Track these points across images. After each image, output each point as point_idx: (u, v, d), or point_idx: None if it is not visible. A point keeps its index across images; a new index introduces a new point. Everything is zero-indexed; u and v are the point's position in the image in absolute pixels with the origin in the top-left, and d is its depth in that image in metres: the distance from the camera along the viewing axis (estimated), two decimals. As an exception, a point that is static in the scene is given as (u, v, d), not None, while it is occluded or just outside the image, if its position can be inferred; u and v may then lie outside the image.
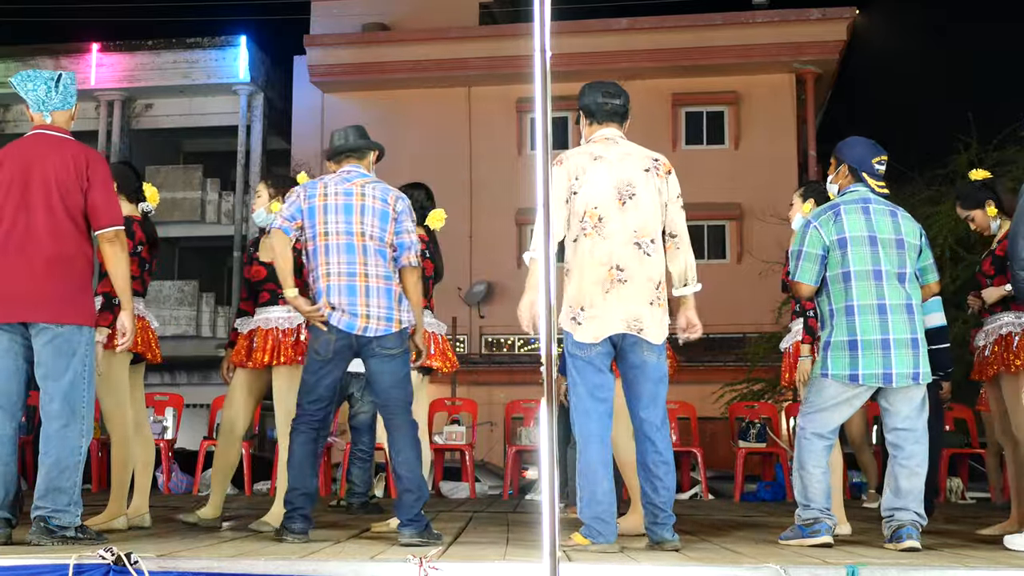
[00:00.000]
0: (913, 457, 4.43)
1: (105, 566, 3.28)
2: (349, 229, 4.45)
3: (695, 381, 14.35)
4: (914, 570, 3.53)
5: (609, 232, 4.29)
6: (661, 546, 4.21)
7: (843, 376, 4.41)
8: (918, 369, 4.39)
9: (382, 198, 4.53)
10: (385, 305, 4.43)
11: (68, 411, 4.12)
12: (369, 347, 4.43)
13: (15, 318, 4.12)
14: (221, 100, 24.43)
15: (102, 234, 4.30)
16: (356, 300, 4.40)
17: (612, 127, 4.51)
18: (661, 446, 4.29)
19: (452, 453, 10.63)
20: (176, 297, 23.41)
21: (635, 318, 4.26)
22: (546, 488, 2.82)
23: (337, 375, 4.50)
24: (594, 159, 4.38)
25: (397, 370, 4.47)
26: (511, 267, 22.14)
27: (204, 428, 11.86)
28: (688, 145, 22.75)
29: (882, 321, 4.37)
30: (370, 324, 4.39)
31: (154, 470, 9.09)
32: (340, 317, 4.39)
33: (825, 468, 4.52)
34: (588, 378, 4.28)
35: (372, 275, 4.44)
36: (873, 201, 4.56)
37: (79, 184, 4.23)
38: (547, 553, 2.80)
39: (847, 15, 22.07)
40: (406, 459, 4.40)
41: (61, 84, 4.35)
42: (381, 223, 4.50)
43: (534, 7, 3.01)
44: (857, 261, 4.43)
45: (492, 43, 22.37)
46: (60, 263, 4.17)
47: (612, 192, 4.32)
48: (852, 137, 4.76)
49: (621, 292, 4.25)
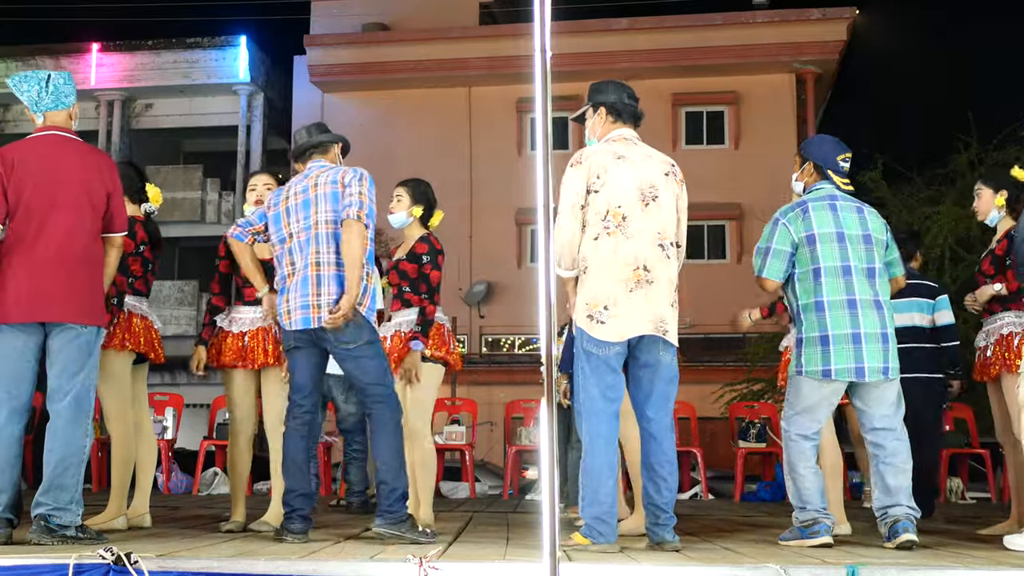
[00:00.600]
0: (897, 454, 4.45)
1: (105, 566, 3.28)
2: (308, 224, 4.48)
3: (695, 381, 14.32)
4: (914, 570, 3.52)
5: (633, 232, 4.28)
6: (661, 547, 4.21)
7: (816, 372, 4.43)
8: (888, 364, 4.41)
9: (332, 180, 4.51)
10: (336, 291, 4.39)
11: (77, 409, 4.17)
12: (328, 342, 4.42)
13: (43, 318, 4.15)
14: (221, 100, 24.43)
15: (113, 237, 4.41)
16: (308, 291, 4.40)
17: (630, 128, 4.54)
18: (667, 447, 4.30)
19: (452, 453, 10.63)
20: (176, 297, 23.41)
21: (661, 319, 4.27)
22: (546, 488, 2.82)
23: (314, 361, 4.52)
24: (617, 158, 4.37)
25: (364, 363, 4.44)
26: (511, 267, 22.17)
27: (204, 428, 11.85)
28: (688, 145, 22.74)
29: (852, 316, 4.40)
30: (321, 313, 4.37)
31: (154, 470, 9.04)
32: (295, 317, 4.41)
33: (815, 468, 4.53)
34: (602, 378, 4.26)
35: (324, 263, 4.43)
36: (839, 198, 4.61)
37: (104, 188, 4.33)
38: (547, 553, 2.80)
39: (847, 15, 22.07)
40: (385, 451, 4.41)
41: (51, 84, 4.35)
42: (333, 205, 4.47)
43: (534, 7, 3.01)
44: (827, 257, 4.46)
45: (492, 43, 22.36)
46: (87, 264, 4.25)
47: (635, 192, 4.32)
48: (817, 135, 4.85)
49: (649, 293, 4.26)
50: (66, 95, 4.39)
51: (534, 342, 20.22)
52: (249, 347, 5.09)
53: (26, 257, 4.14)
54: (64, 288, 4.15)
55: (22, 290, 4.12)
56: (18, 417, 4.16)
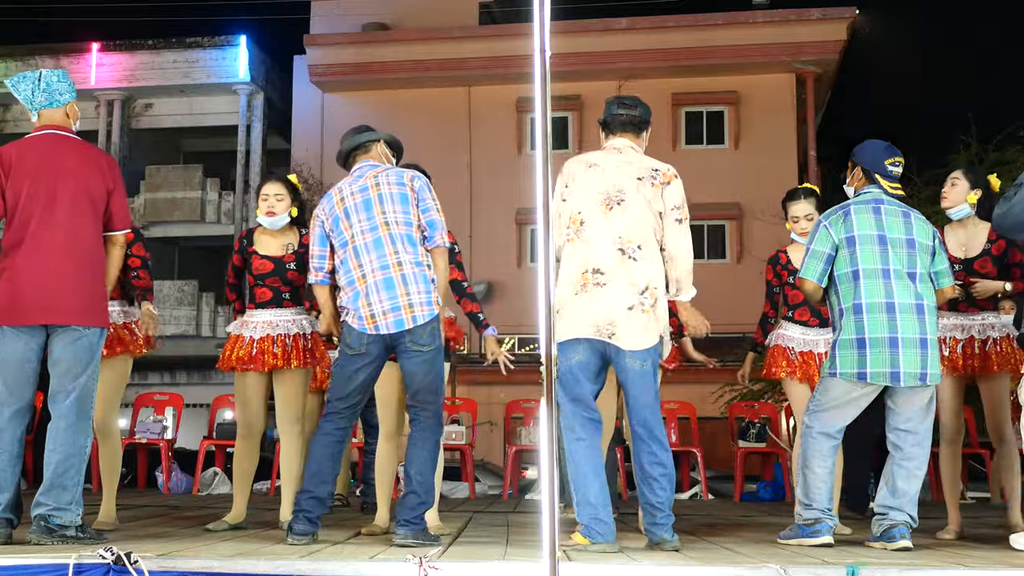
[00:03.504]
0: (912, 459, 4.43)
1: (105, 566, 3.28)
2: (374, 224, 4.37)
3: (695, 381, 14.31)
4: (914, 570, 3.52)
5: (589, 236, 4.32)
6: (660, 546, 4.20)
7: (851, 375, 4.41)
8: (927, 370, 4.37)
9: (397, 182, 4.44)
10: (424, 291, 4.31)
11: (79, 410, 4.16)
12: (403, 343, 4.30)
13: (45, 320, 4.13)
14: (221, 100, 24.42)
15: (116, 236, 4.38)
16: (396, 292, 4.28)
17: (625, 137, 4.54)
18: (655, 447, 4.28)
19: (452, 453, 10.61)
20: (176, 297, 23.40)
21: (608, 322, 4.26)
22: (546, 488, 2.82)
23: (371, 372, 4.38)
24: (588, 166, 4.45)
25: (430, 368, 4.33)
26: (511, 267, 22.15)
27: (204, 428, 11.85)
28: (688, 145, 22.74)
29: (890, 320, 4.37)
30: (415, 313, 4.27)
31: (154, 470, 9.08)
32: (386, 320, 4.27)
33: (830, 468, 4.52)
34: (570, 388, 4.32)
35: (406, 262, 4.32)
36: (885, 202, 4.58)
37: (105, 187, 4.30)
38: (547, 553, 2.80)
39: (847, 15, 22.07)
40: (421, 462, 4.30)
41: (43, 82, 4.33)
42: (403, 207, 4.39)
43: (534, 7, 3.01)
44: (866, 259, 4.44)
45: (492, 43, 22.36)
46: (88, 264, 4.22)
47: (599, 198, 4.36)
48: (868, 140, 4.78)
49: (595, 295, 4.26)
50: (60, 92, 4.35)
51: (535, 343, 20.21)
52: (260, 350, 5.13)
53: (26, 258, 4.12)
54: (65, 289, 4.13)
55: (23, 292, 4.11)
56: (20, 418, 4.16)
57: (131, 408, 10.15)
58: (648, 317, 4.29)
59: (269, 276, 5.22)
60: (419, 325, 4.28)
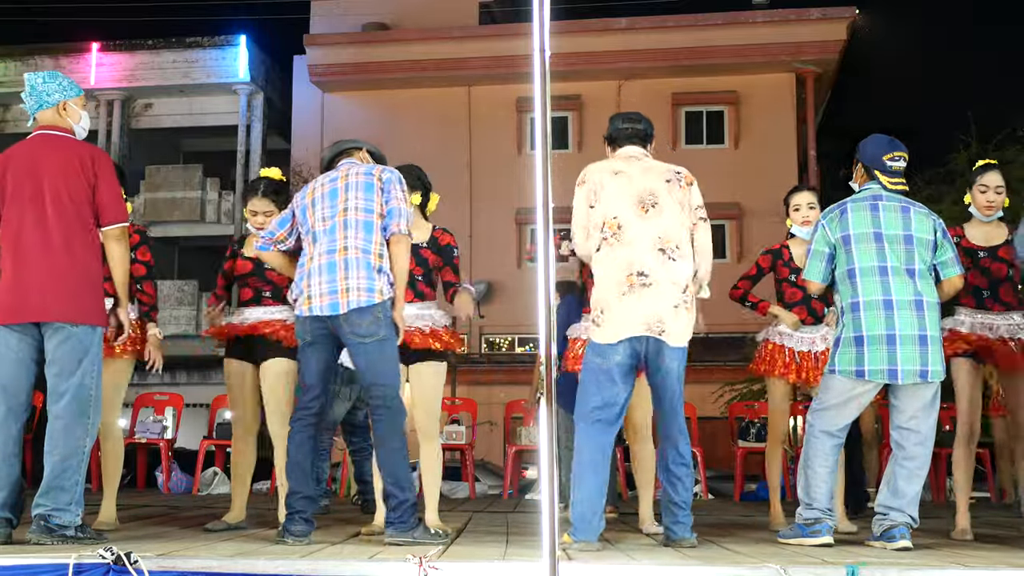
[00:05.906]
0: (914, 459, 4.43)
1: (105, 566, 3.28)
2: (335, 211, 4.40)
3: (695, 381, 14.21)
4: (914, 570, 3.52)
5: (629, 239, 4.38)
6: (679, 544, 4.28)
7: (850, 372, 4.42)
8: (927, 367, 4.36)
9: (365, 172, 4.48)
10: (365, 276, 4.28)
11: (76, 410, 4.14)
12: (343, 332, 4.28)
13: (31, 318, 4.14)
14: (221, 100, 24.42)
15: (108, 231, 4.33)
16: (335, 276, 4.28)
17: (635, 146, 4.63)
18: (683, 449, 4.41)
19: (452, 453, 10.61)
20: (176, 297, 23.40)
21: (657, 319, 4.32)
22: (546, 488, 2.82)
23: (325, 359, 4.39)
24: (614, 173, 4.50)
25: (376, 359, 4.29)
26: (511, 267, 22.16)
27: (204, 428, 11.85)
28: (688, 145, 22.76)
29: (888, 317, 4.36)
30: (350, 298, 4.24)
31: (154, 470, 9.04)
32: (322, 303, 4.27)
33: (832, 468, 4.53)
34: (601, 387, 4.34)
35: (351, 248, 4.32)
36: (884, 198, 4.56)
37: (86, 182, 4.25)
38: (547, 553, 2.80)
39: (847, 15, 22.08)
40: (391, 462, 4.28)
41: (28, 86, 4.35)
42: (366, 195, 4.40)
43: (533, 7, 3.01)
44: (862, 258, 4.45)
45: (492, 43, 22.37)
46: (72, 261, 4.20)
47: (633, 201, 4.42)
48: (872, 135, 4.75)
49: (642, 295, 4.32)
50: (48, 93, 4.34)
51: (533, 350, 20.21)
52: (247, 338, 5.18)
53: (14, 259, 4.17)
54: (49, 287, 4.12)
55: (11, 291, 4.13)
56: (15, 416, 4.15)
57: (131, 408, 10.15)
58: (690, 315, 4.41)
59: (250, 275, 5.27)
60: (354, 310, 4.24)
